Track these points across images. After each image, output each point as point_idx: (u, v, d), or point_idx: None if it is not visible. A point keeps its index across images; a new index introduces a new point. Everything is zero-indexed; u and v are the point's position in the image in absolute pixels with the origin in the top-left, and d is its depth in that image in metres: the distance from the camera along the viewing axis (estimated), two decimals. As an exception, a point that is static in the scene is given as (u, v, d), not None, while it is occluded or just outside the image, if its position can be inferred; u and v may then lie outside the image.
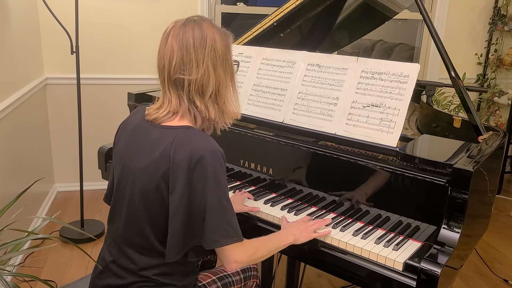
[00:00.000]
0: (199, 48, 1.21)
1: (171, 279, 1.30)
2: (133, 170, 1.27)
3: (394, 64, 1.56)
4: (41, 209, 3.13)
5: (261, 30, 2.05)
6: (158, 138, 1.24)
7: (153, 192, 1.22)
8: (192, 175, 1.17)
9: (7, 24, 2.57)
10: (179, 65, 1.21)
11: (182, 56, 1.21)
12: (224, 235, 1.21)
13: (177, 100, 1.25)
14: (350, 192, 1.53)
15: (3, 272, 1.51)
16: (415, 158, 1.39)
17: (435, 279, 1.22)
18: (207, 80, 1.23)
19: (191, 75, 1.21)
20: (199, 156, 1.17)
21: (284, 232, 1.44)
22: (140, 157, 1.26)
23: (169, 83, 1.24)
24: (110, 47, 3.37)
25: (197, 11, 3.45)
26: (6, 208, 1.71)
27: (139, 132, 1.30)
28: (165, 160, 1.19)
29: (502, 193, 3.84)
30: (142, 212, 1.25)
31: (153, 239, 1.26)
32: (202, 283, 1.44)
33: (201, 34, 1.22)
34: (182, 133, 1.22)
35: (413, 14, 3.84)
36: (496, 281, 2.64)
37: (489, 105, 4.25)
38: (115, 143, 1.41)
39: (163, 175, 1.20)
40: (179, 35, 1.22)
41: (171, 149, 1.19)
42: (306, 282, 2.49)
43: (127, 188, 1.29)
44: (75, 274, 2.51)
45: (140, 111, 1.37)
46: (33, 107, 3.04)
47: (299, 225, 1.45)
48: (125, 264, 1.31)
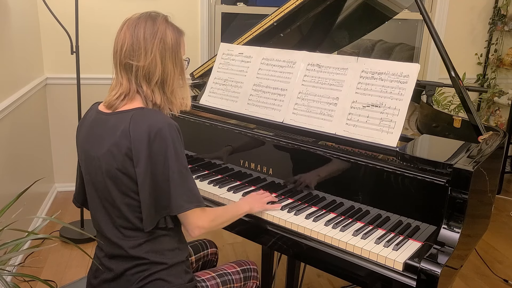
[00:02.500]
0: (149, 38, 1.31)
1: (161, 257, 1.35)
2: (98, 157, 1.32)
3: (394, 64, 1.56)
4: (41, 209, 3.13)
5: (261, 30, 2.05)
6: (115, 122, 1.31)
7: (120, 170, 1.28)
8: (152, 146, 1.25)
9: (7, 24, 2.57)
10: (129, 52, 1.31)
11: (133, 43, 1.31)
12: (187, 200, 1.29)
13: (127, 82, 1.33)
14: (350, 192, 1.53)
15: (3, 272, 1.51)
16: (415, 158, 1.39)
17: (435, 279, 1.22)
18: (154, 68, 1.32)
19: (139, 61, 1.31)
20: (157, 128, 1.25)
21: (240, 202, 1.57)
22: (102, 143, 1.32)
23: (120, 67, 1.34)
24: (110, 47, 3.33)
25: (197, 11, 3.45)
26: (6, 208, 1.71)
27: (97, 124, 1.37)
28: (126, 137, 1.27)
29: (502, 193, 3.85)
30: (115, 193, 1.31)
31: (131, 216, 1.32)
32: (201, 278, 1.46)
33: (152, 27, 1.32)
34: (138, 112, 1.30)
35: (413, 14, 3.84)
36: (496, 281, 2.64)
37: (489, 105, 4.25)
38: (77, 142, 1.45)
39: (126, 152, 1.27)
40: (133, 25, 1.33)
41: (129, 127, 1.27)
42: (306, 282, 2.49)
43: (97, 177, 1.34)
44: (75, 274, 2.51)
45: (93, 109, 1.44)
46: (33, 107, 3.04)
47: (254, 196, 1.60)
48: (115, 251, 1.36)
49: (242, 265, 1.60)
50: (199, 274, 1.49)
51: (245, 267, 1.60)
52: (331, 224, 1.49)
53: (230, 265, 1.58)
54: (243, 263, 1.61)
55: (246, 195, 1.68)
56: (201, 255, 1.70)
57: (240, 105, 1.84)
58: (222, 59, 1.96)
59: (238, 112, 1.83)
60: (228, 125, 1.80)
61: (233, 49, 1.95)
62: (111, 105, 1.34)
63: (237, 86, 1.87)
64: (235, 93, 1.87)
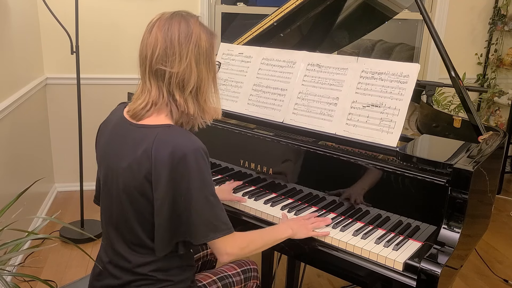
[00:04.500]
0: (184, 43, 1.21)
1: (167, 275, 1.31)
2: (116, 170, 1.26)
3: (394, 64, 1.56)
4: (41, 209, 3.13)
5: (261, 30, 2.05)
6: (139, 138, 1.23)
7: (137, 190, 1.22)
8: (175, 173, 1.17)
9: (7, 24, 2.57)
10: (161, 57, 1.21)
11: (166, 47, 1.20)
12: (213, 229, 1.22)
13: (157, 91, 1.24)
14: (350, 192, 1.53)
15: (3, 272, 1.51)
16: (415, 158, 1.39)
17: (435, 279, 1.22)
18: (188, 75, 1.22)
19: (173, 68, 1.21)
20: (181, 154, 1.16)
21: (283, 225, 1.45)
22: (122, 157, 1.25)
23: (150, 74, 1.23)
24: (110, 47, 3.37)
25: (197, 11, 3.45)
26: (6, 208, 1.71)
27: (119, 132, 1.30)
28: (147, 158, 1.19)
29: (502, 193, 3.84)
30: (130, 211, 1.26)
31: (143, 235, 1.27)
32: (202, 283, 1.44)
33: (187, 29, 1.22)
34: (163, 131, 1.21)
35: (413, 14, 3.84)
36: (496, 281, 2.64)
37: (489, 105, 4.25)
38: (96, 144, 1.40)
39: (146, 174, 1.19)
40: (165, 26, 1.21)
41: (152, 148, 1.19)
42: (306, 282, 2.49)
43: (113, 189, 1.29)
44: (75, 274, 2.51)
45: (119, 110, 1.36)
46: (33, 107, 3.04)
47: (299, 220, 1.46)
48: (121, 263, 1.31)
49: (242, 265, 1.59)
50: (199, 278, 1.47)
51: (245, 267, 1.59)
52: (331, 224, 1.49)
53: (230, 266, 1.57)
54: (243, 263, 1.61)
55: (246, 195, 1.68)
56: (200, 255, 1.69)
57: (240, 105, 1.84)
58: (222, 59, 1.96)
59: (238, 112, 1.83)
60: (228, 125, 1.80)
61: (233, 49, 1.95)
62: (136, 115, 1.26)
63: (237, 86, 1.87)
64: (235, 93, 1.87)
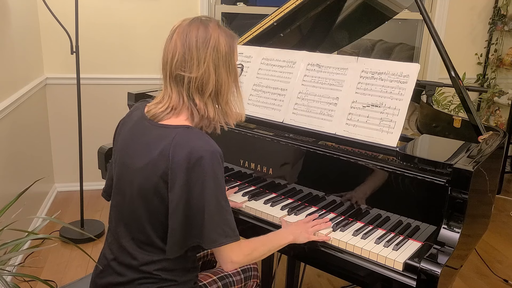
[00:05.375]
0: (202, 47, 1.23)
1: (172, 275, 1.31)
2: (132, 169, 1.28)
3: (394, 64, 1.56)
4: (41, 209, 3.13)
5: (261, 30, 2.05)
6: (157, 138, 1.25)
7: (152, 190, 1.23)
8: (190, 175, 1.18)
9: (7, 24, 2.57)
10: (180, 62, 1.23)
11: (184, 53, 1.23)
12: (222, 234, 1.22)
13: (177, 96, 1.26)
14: (350, 192, 1.53)
15: (3, 272, 1.51)
16: (415, 158, 1.39)
17: (435, 279, 1.22)
18: (207, 79, 1.24)
19: (191, 72, 1.23)
20: (198, 156, 1.18)
21: (284, 231, 1.45)
22: (139, 156, 1.27)
23: (170, 79, 1.26)
24: (110, 47, 3.37)
25: (197, 11, 3.45)
26: (6, 208, 1.71)
27: (138, 131, 1.31)
28: (164, 159, 1.20)
29: (502, 193, 3.84)
30: (142, 210, 1.27)
31: (153, 235, 1.27)
32: (202, 283, 1.45)
33: (205, 34, 1.24)
34: (181, 133, 1.23)
35: (413, 14, 3.84)
36: (496, 281, 2.64)
37: (489, 105, 4.25)
38: (114, 140, 1.42)
39: (162, 174, 1.21)
40: (184, 33, 1.24)
41: (170, 149, 1.20)
42: (306, 282, 2.49)
43: (126, 186, 1.30)
44: (75, 274, 2.51)
45: (140, 108, 1.38)
46: (33, 107, 3.04)
47: (299, 225, 1.46)
48: (126, 260, 1.32)
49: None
50: (200, 277, 1.47)
51: (246, 267, 1.59)
52: (331, 226, 1.49)
53: (231, 266, 1.57)
54: (243, 263, 1.61)
55: (246, 195, 1.68)
56: (201, 255, 1.69)
57: (240, 105, 1.83)
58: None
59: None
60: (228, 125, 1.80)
61: (233, 49, 1.95)
62: (156, 117, 1.28)
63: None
64: (235, 93, 1.87)
